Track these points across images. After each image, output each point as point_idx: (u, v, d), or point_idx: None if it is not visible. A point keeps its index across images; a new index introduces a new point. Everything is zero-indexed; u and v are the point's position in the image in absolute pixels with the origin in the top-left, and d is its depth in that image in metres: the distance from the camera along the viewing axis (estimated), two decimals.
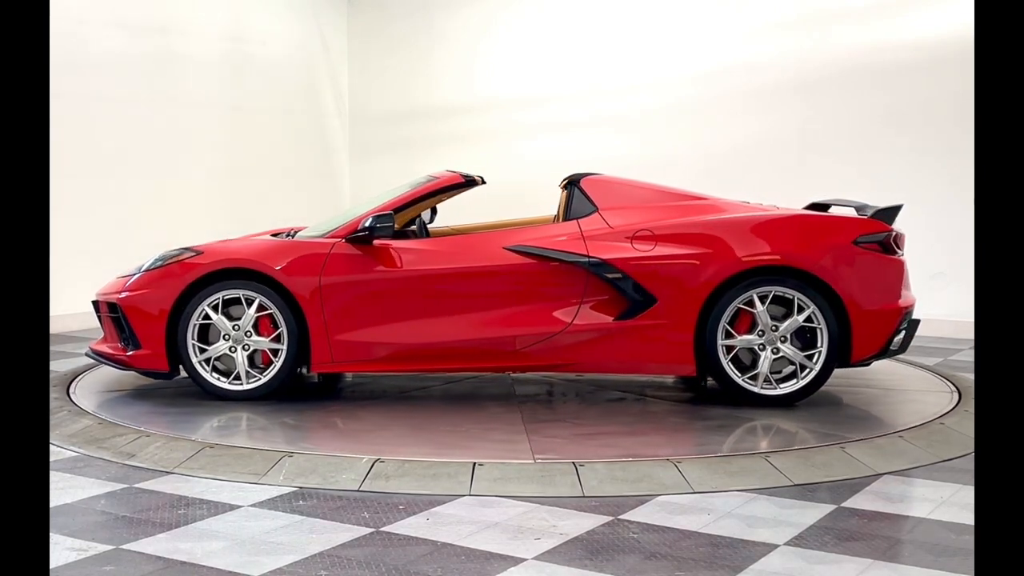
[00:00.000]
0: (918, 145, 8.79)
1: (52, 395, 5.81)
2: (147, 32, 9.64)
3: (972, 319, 8.02)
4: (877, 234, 5.55)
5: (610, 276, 5.53)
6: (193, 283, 5.67)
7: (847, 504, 4.03)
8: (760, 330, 5.47)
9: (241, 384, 5.71)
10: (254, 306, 5.67)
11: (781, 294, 5.46)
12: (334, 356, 5.67)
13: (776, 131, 9.37)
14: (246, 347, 5.70)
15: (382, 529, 3.72)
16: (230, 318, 5.72)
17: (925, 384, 6.34)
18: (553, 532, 3.69)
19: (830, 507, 3.99)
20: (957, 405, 5.63)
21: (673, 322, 5.52)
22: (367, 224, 5.63)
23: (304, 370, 5.80)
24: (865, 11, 8.98)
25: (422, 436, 5.01)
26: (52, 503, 3.98)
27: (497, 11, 10.95)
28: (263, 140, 10.83)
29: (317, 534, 3.67)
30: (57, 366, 6.92)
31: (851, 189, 8.08)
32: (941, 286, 8.60)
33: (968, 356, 7.53)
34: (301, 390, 6.16)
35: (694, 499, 4.09)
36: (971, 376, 6.45)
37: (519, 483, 4.22)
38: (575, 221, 5.72)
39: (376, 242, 5.72)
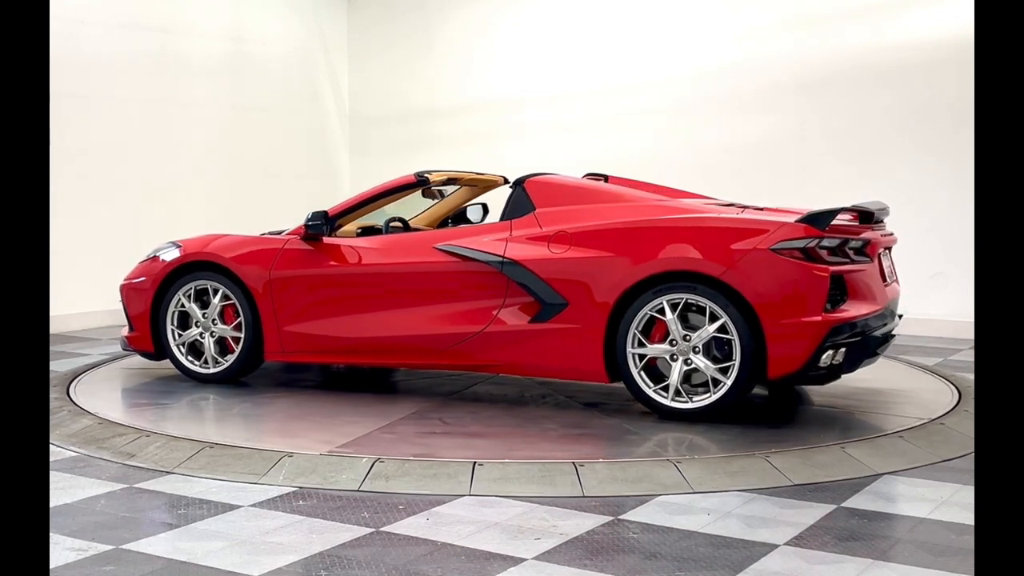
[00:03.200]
0: (918, 145, 8.78)
1: (52, 395, 5.81)
2: (147, 32, 9.64)
3: (972, 319, 8.01)
4: (797, 240, 5.01)
5: (517, 277, 5.45)
6: (171, 273, 6.23)
7: (847, 504, 4.03)
8: (672, 339, 5.15)
9: (208, 368, 6.19)
10: (218, 296, 6.15)
11: (695, 302, 5.10)
12: (284, 346, 6.03)
13: (776, 131, 9.36)
14: (212, 334, 6.18)
15: (382, 529, 3.72)
16: (206, 307, 6.20)
17: (925, 384, 6.34)
18: (553, 532, 3.69)
19: (830, 507, 3.99)
20: (957, 405, 5.63)
21: (583, 327, 5.30)
22: (304, 222, 6.01)
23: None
24: (865, 11, 8.98)
25: (273, 425, 5.41)
26: (52, 503, 3.98)
27: (498, 10, 10.95)
28: (263, 140, 10.82)
29: (317, 534, 3.67)
30: (57, 366, 6.92)
31: (851, 190, 8.08)
32: (941, 286, 8.60)
33: (968, 356, 7.52)
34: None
35: (694, 499, 4.09)
36: (971, 376, 6.45)
37: (519, 483, 4.22)
38: (509, 221, 5.66)
39: (327, 239, 6.00)
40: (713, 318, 5.07)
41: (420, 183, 6.18)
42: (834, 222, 5.12)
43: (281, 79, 11.06)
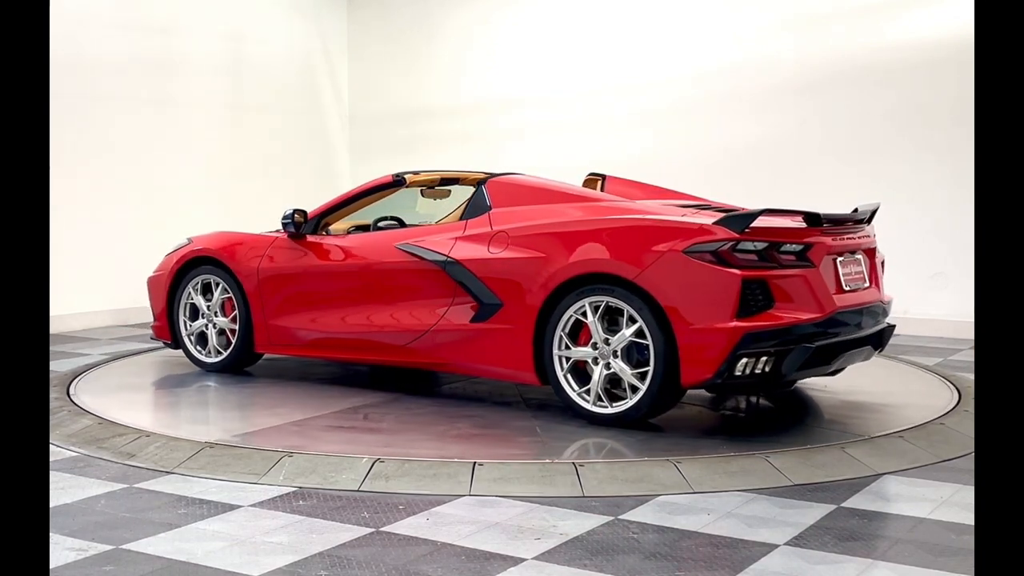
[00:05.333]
0: (918, 145, 8.78)
1: (52, 395, 5.81)
2: (147, 32, 9.63)
3: (972, 319, 8.01)
4: (710, 243, 4.81)
5: (458, 276, 5.49)
6: (182, 267, 6.61)
7: (847, 504, 4.03)
8: (594, 342, 5.06)
9: (211, 357, 6.57)
10: (219, 289, 6.49)
11: (614, 305, 4.99)
12: (271, 339, 6.32)
13: (776, 131, 9.36)
14: (215, 325, 6.53)
15: (382, 529, 3.72)
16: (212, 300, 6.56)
17: (925, 384, 6.34)
18: (553, 532, 3.69)
19: (830, 507, 3.99)
20: (957, 405, 5.63)
21: (515, 327, 5.30)
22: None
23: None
24: (865, 11, 8.98)
25: (203, 413, 5.79)
26: (52, 503, 3.98)
27: (497, 9, 10.95)
28: (263, 140, 10.82)
29: (317, 534, 3.67)
30: (57, 366, 6.92)
31: (851, 190, 8.08)
32: (941, 286, 8.60)
33: (968, 356, 7.52)
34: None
35: (694, 499, 4.09)
36: (971, 376, 6.45)
37: (519, 483, 4.22)
38: (464, 221, 5.68)
39: (310, 237, 6.24)
40: (633, 321, 4.96)
41: (397, 183, 6.25)
42: (765, 225, 4.91)
43: (281, 79, 11.06)
